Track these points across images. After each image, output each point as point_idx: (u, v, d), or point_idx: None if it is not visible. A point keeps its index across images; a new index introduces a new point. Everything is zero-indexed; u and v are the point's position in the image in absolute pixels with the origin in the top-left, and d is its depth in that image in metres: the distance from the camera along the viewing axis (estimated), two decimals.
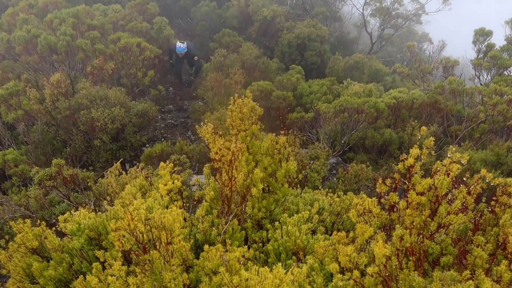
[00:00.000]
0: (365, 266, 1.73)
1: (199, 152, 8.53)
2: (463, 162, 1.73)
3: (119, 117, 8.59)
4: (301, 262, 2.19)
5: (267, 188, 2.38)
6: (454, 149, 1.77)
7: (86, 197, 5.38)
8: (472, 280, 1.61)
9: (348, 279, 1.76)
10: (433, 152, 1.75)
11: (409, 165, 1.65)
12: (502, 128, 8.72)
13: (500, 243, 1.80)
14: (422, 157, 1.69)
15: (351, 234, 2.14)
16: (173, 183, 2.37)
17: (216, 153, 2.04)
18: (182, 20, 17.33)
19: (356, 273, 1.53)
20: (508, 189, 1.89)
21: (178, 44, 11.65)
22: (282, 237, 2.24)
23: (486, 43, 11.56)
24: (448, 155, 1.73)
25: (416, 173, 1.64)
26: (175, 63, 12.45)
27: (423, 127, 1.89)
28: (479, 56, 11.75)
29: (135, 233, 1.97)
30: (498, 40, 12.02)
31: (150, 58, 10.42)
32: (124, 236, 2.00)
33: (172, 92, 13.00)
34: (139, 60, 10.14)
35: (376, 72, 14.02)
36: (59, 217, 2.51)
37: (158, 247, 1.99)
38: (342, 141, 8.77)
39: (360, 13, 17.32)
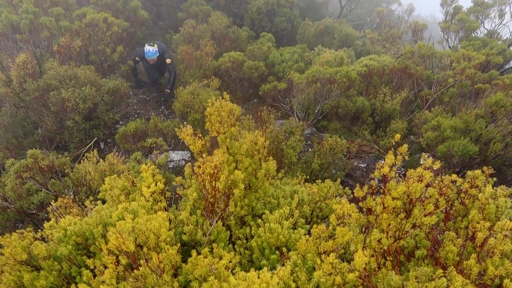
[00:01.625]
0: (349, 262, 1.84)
1: (173, 127, 8.52)
2: (434, 167, 1.82)
3: (90, 96, 8.45)
4: (284, 257, 2.29)
5: (248, 186, 2.45)
6: (426, 155, 1.86)
7: (64, 184, 5.36)
8: (445, 277, 1.73)
9: (330, 274, 1.86)
10: (406, 157, 1.83)
11: (384, 173, 1.74)
12: (470, 91, 8.94)
13: (469, 236, 1.92)
14: (396, 163, 1.77)
15: (330, 228, 2.23)
16: (156, 185, 2.42)
17: (199, 167, 2.09)
18: None
19: (338, 278, 1.63)
20: (475, 182, 2.00)
21: (147, 48, 9.70)
22: (265, 233, 2.34)
23: (453, 5, 11.68)
24: (421, 162, 1.82)
25: (391, 179, 1.74)
26: (147, 72, 10.48)
27: (397, 135, 1.96)
28: (447, 19, 11.89)
29: (126, 252, 2.02)
30: (465, 1, 12.16)
31: (118, 33, 10.18)
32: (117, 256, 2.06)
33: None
34: (106, 35, 9.90)
35: (346, 36, 14.05)
36: (44, 224, 2.53)
37: (148, 261, 2.05)
38: (316, 111, 8.87)
39: None
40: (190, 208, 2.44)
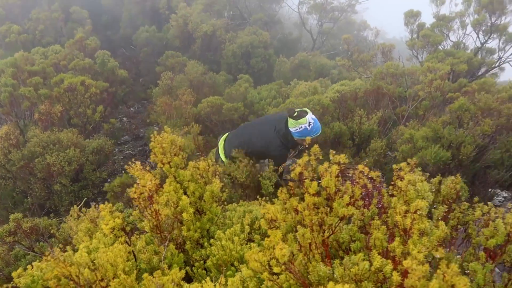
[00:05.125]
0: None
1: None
2: (342, 161, 1.98)
3: (75, 158, 8.65)
4: (238, 271, 2.41)
5: (201, 210, 2.59)
6: (334, 152, 2.02)
7: (51, 245, 5.46)
8: (368, 260, 1.86)
9: (278, 276, 1.99)
10: (320, 156, 1.98)
11: (298, 172, 1.89)
12: (443, 102, 9.16)
13: (395, 223, 2.06)
14: (311, 163, 1.93)
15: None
16: (114, 221, 2.55)
17: (134, 192, 2.24)
18: (125, 48, 17.46)
19: (265, 274, 1.75)
20: (401, 174, 2.15)
21: (309, 120, 5.39)
22: (218, 252, 2.46)
23: (416, 23, 12.10)
24: (330, 158, 1.98)
25: (306, 178, 1.88)
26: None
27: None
28: (413, 36, 12.29)
29: (79, 280, 2.14)
30: (428, 18, 12.57)
31: (97, 94, 10.49)
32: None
33: (127, 122, 13.09)
34: (85, 97, 10.19)
35: (321, 67, 14.43)
36: (12, 273, 2.64)
37: None
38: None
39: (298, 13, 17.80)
40: (148, 237, 2.57)
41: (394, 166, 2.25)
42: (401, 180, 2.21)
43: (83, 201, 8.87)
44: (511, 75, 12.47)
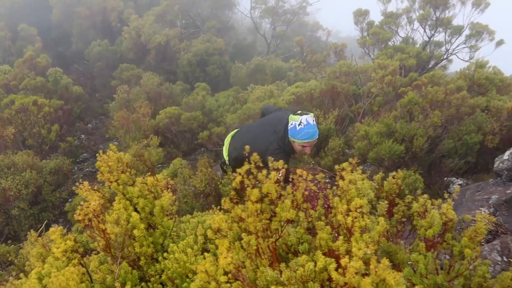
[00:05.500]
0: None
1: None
2: (280, 167, 2.03)
3: (32, 180, 8.44)
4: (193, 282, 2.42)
5: (151, 225, 2.60)
6: (272, 158, 2.06)
7: (9, 273, 5.32)
8: (313, 261, 1.92)
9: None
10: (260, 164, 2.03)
11: (239, 181, 1.93)
12: (396, 96, 9.40)
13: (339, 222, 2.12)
14: (252, 171, 1.97)
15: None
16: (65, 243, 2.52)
17: (78, 214, 2.24)
18: (78, 64, 17.17)
19: (213, 284, 1.78)
20: (342, 173, 2.22)
21: (302, 120, 4.87)
22: (172, 265, 2.48)
23: (366, 22, 12.38)
24: (269, 164, 2.03)
25: (248, 186, 1.92)
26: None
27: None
28: (364, 35, 12.57)
29: None
30: (377, 16, 12.86)
31: (51, 113, 10.28)
32: None
33: (85, 139, 12.86)
34: (39, 117, 9.97)
35: (277, 70, 14.58)
36: None
37: None
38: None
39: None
40: (101, 256, 2.56)
41: (336, 166, 2.31)
42: (343, 180, 2.27)
43: (43, 224, 8.66)
44: (460, 66, 12.91)
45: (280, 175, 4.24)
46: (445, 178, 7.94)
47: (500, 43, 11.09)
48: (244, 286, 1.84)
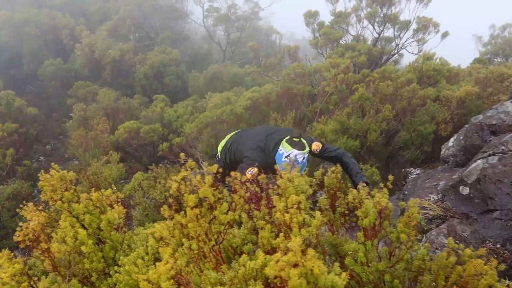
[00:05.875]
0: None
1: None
2: (206, 171, 2.08)
3: None
4: None
5: (101, 240, 2.60)
6: (206, 164, 2.12)
7: None
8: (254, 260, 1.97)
9: None
10: (197, 170, 2.08)
11: (175, 188, 1.97)
12: (350, 93, 9.59)
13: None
14: (188, 177, 2.01)
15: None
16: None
17: (18, 235, 2.23)
18: (32, 85, 16.81)
19: None
20: (281, 173, 2.28)
21: (290, 155, 4.24)
22: (124, 277, 2.49)
23: (316, 22, 12.59)
24: (204, 169, 2.08)
25: (185, 193, 1.96)
26: None
27: (182, 154, 2.21)
28: (316, 35, 12.78)
29: None
30: (327, 16, 13.08)
31: (5, 137, 10.04)
32: None
33: (44, 161, 12.59)
34: None
35: (234, 76, 14.67)
36: None
37: None
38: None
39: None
40: (52, 276, 2.54)
41: (275, 166, 2.37)
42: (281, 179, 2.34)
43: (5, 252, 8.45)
44: (410, 60, 13.28)
45: (250, 173, 4.15)
46: (403, 170, 8.16)
47: (445, 34, 11.48)
48: None
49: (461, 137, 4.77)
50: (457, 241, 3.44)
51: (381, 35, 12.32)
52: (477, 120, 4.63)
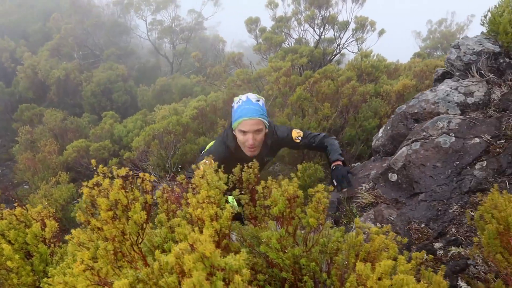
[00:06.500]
0: None
1: None
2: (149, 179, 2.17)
3: None
4: None
5: (31, 254, 2.65)
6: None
7: None
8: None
9: None
10: (130, 172, 2.17)
11: (87, 193, 2.05)
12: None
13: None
14: (100, 182, 2.10)
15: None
16: None
17: None
18: None
19: None
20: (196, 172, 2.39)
21: (241, 97, 4.02)
22: None
23: (258, 28, 12.83)
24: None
25: (95, 196, 2.05)
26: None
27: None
28: (259, 41, 13.00)
29: None
30: (268, 22, 13.32)
31: None
32: None
33: None
34: None
35: (183, 88, 14.72)
36: None
37: None
38: (167, 165, 9.15)
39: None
40: None
41: (193, 166, 2.48)
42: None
43: None
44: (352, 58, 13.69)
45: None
46: (349, 165, 8.41)
47: (381, 32, 11.92)
48: None
49: (389, 127, 5.02)
50: (384, 224, 3.64)
51: (322, 36, 12.66)
52: (401, 110, 4.90)
